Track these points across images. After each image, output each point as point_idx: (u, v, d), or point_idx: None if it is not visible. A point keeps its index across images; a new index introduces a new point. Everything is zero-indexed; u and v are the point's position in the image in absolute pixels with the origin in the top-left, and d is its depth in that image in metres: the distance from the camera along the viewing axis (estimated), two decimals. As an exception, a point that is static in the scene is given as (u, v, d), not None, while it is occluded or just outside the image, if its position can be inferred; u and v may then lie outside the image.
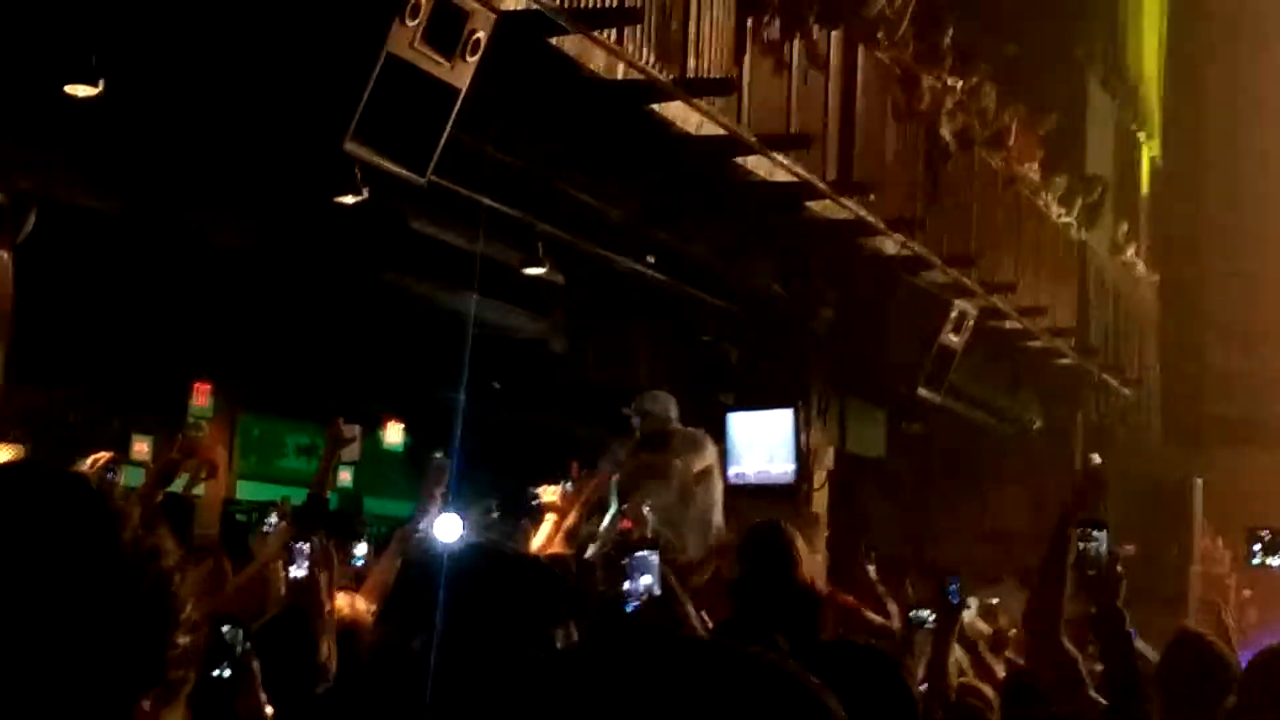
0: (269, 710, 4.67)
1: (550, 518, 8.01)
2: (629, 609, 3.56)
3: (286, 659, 5.43)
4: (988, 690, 6.79)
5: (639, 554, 3.69)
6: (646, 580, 3.51)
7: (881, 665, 3.02)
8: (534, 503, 8.36)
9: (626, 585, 3.59)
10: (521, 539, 8.67)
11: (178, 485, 8.10)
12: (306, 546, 6.48)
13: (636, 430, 9.23)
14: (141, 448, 13.71)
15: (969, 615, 8.82)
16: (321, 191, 9.16)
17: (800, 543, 6.52)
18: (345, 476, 17.12)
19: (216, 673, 4.49)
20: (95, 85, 7.21)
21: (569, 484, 8.95)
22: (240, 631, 4.74)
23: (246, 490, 15.30)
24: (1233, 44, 26.36)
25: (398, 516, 11.27)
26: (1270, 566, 4.48)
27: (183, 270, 10.41)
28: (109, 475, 7.36)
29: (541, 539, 8.04)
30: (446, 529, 7.71)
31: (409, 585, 3.42)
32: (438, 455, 8.13)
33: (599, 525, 9.07)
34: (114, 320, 12.25)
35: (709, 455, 9.00)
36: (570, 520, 7.84)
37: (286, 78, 7.71)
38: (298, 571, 6.46)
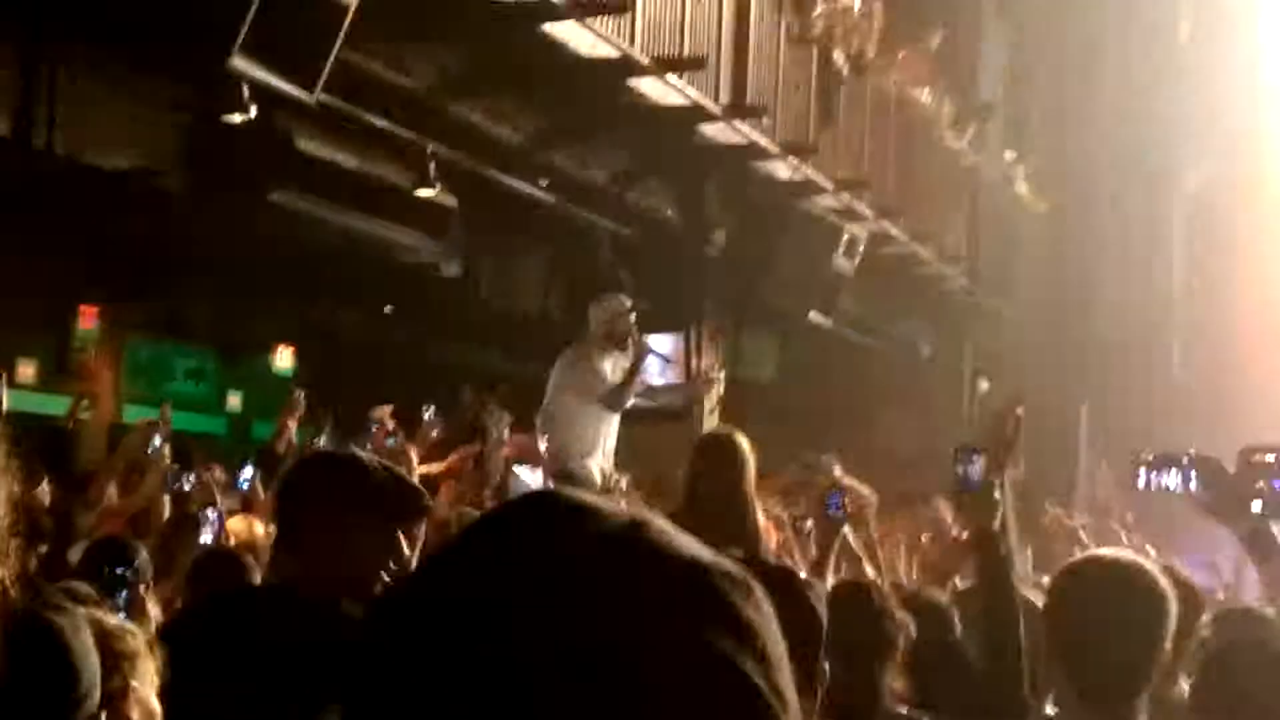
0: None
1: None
2: None
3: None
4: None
5: (518, 472, 3.68)
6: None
7: (788, 583, 2.98)
8: (372, 426, 8.43)
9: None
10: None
11: (57, 410, 7.98)
12: (192, 478, 6.46)
13: None
14: (26, 371, 13.51)
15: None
16: (208, 109, 9.02)
17: (749, 452, 6.56)
18: (234, 401, 16.99)
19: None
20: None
21: (432, 412, 8.97)
22: (134, 569, 4.68)
23: (134, 414, 15.12)
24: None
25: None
26: (1161, 488, 4.45)
27: (68, 191, 10.22)
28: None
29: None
30: None
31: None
32: (295, 388, 8.21)
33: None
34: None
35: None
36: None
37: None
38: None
